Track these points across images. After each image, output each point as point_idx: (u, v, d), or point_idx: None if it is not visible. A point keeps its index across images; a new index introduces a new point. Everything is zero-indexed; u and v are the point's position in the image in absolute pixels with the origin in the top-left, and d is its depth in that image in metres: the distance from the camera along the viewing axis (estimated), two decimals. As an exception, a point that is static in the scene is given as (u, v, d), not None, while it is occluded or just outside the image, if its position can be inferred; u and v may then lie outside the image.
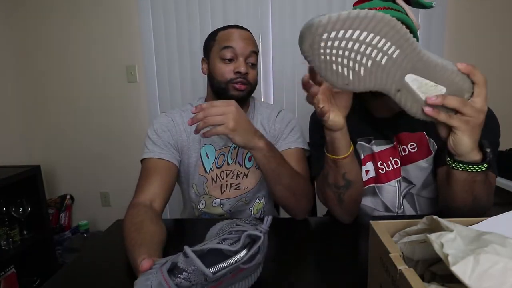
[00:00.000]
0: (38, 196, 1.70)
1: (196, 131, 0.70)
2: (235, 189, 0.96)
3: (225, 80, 0.88)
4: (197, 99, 1.02)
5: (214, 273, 0.43)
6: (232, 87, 0.88)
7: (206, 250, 0.46)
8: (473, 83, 0.52)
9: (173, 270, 0.44)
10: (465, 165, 0.59)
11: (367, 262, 0.47)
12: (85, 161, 2.07)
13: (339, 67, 0.49)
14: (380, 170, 0.84)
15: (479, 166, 0.59)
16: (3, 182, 1.50)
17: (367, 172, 0.86)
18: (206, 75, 0.95)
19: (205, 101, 0.99)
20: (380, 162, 0.84)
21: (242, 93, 0.88)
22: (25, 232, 1.68)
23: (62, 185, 2.13)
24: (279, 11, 1.74)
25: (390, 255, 0.37)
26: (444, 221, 0.40)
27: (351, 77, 0.50)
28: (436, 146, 0.81)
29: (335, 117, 0.64)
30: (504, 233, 0.36)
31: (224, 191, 0.95)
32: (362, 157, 0.86)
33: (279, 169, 0.77)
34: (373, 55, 0.48)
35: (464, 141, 0.55)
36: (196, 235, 0.77)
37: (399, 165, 0.83)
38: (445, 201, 0.70)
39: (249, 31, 0.94)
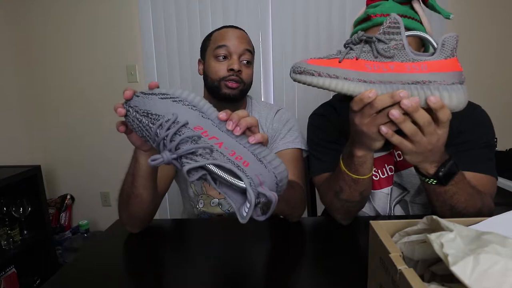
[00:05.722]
0: (38, 196, 1.70)
1: None
2: None
3: (218, 78, 0.88)
4: None
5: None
6: (224, 85, 0.88)
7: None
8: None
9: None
10: (418, 174, 0.61)
11: (367, 262, 0.47)
12: (86, 161, 2.07)
13: None
14: (374, 177, 0.83)
15: (429, 179, 0.60)
16: (4, 182, 1.50)
17: None
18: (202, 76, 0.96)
19: None
20: (375, 169, 0.83)
21: (234, 91, 0.88)
22: (25, 232, 1.68)
23: (63, 185, 2.13)
24: (279, 11, 1.74)
25: (390, 255, 0.37)
26: (444, 221, 0.40)
27: None
28: None
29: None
30: (504, 233, 0.36)
31: None
32: None
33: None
34: None
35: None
36: (196, 235, 0.77)
37: (393, 172, 0.83)
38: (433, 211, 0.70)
39: (244, 30, 0.94)
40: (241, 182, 0.39)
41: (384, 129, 0.52)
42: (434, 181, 0.60)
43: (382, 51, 0.52)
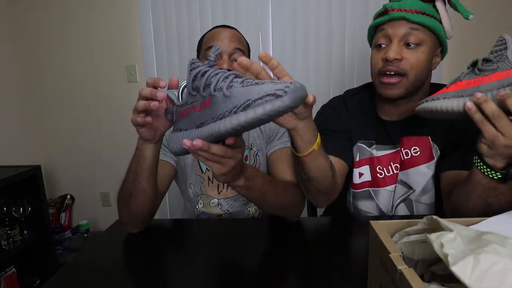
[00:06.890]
0: (38, 196, 1.70)
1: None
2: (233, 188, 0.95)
3: None
4: None
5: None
6: None
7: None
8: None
9: None
10: (482, 165, 0.58)
11: (367, 262, 0.47)
12: (86, 161, 2.07)
13: None
14: (378, 175, 0.84)
15: (493, 172, 0.57)
16: (4, 182, 1.50)
17: (361, 174, 0.86)
18: None
19: None
20: (380, 166, 0.83)
21: None
22: (25, 232, 1.68)
23: (63, 185, 2.13)
24: (279, 11, 1.74)
25: (390, 255, 0.37)
26: (444, 221, 0.40)
27: None
28: (439, 152, 0.80)
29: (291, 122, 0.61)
30: (504, 233, 0.36)
31: (221, 190, 0.95)
32: (357, 160, 0.86)
33: (262, 196, 0.71)
34: None
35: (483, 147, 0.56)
36: (195, 235, 0.77)
37: (398, 170, 0.83)
38: (454, 204, 0.68)
39: (235, 29, 0.94)
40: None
41: (468, 104, 0.54)
42: (498, 176, 0.57)
43: (484, 67, 0.56)
